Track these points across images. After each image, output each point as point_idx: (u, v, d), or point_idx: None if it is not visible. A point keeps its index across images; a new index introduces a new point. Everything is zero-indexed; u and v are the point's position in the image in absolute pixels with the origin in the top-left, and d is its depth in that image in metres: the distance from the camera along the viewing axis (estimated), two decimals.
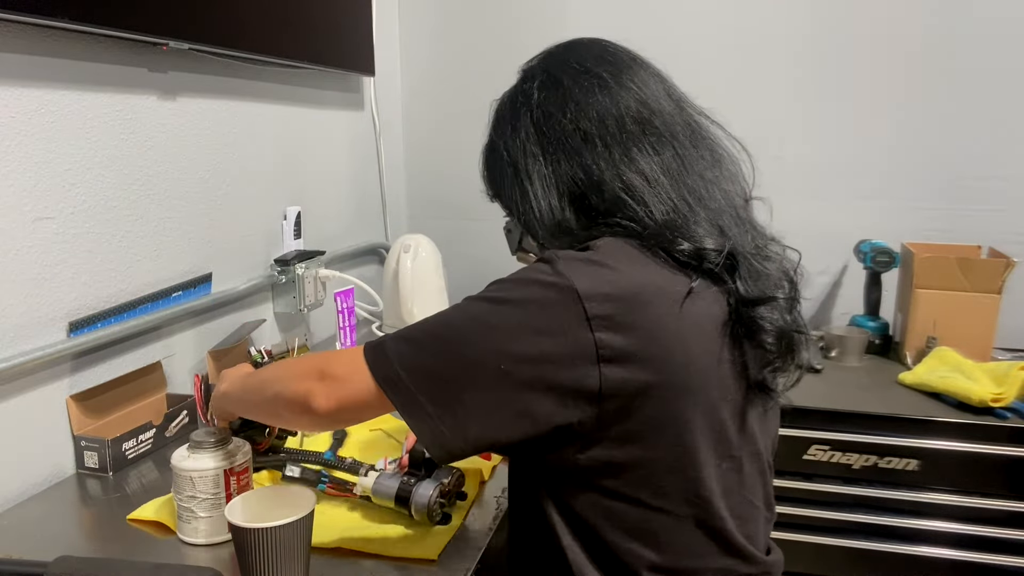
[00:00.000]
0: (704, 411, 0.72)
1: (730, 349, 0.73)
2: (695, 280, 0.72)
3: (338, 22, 1.79)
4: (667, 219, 0.73)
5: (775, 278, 0.78)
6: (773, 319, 0.74)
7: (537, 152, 0.79)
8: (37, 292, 1.10)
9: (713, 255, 0.72)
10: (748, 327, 0.73)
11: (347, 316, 1.68)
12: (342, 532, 0.94)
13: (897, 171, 1.97)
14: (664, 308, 0.70)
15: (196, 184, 1.42)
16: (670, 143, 0.76)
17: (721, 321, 0.73)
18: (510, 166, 0.81)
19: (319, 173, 1.88)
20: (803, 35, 1.97)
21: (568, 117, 0.77)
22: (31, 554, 0.89)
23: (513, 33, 2.17)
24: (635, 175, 0.75)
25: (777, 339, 0.75)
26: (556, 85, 0.79)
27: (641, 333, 0.68)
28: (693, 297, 0.71)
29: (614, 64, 0.80)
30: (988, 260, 1.72)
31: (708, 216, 0.75)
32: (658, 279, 0.71)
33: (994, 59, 1.86)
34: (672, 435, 0.71)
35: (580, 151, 0.77)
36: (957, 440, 1.46)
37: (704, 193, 0.76)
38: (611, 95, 0.77)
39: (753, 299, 0.73)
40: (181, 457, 0.93)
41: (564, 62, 0.81)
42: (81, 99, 1.16)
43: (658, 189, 0.74)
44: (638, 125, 0.76)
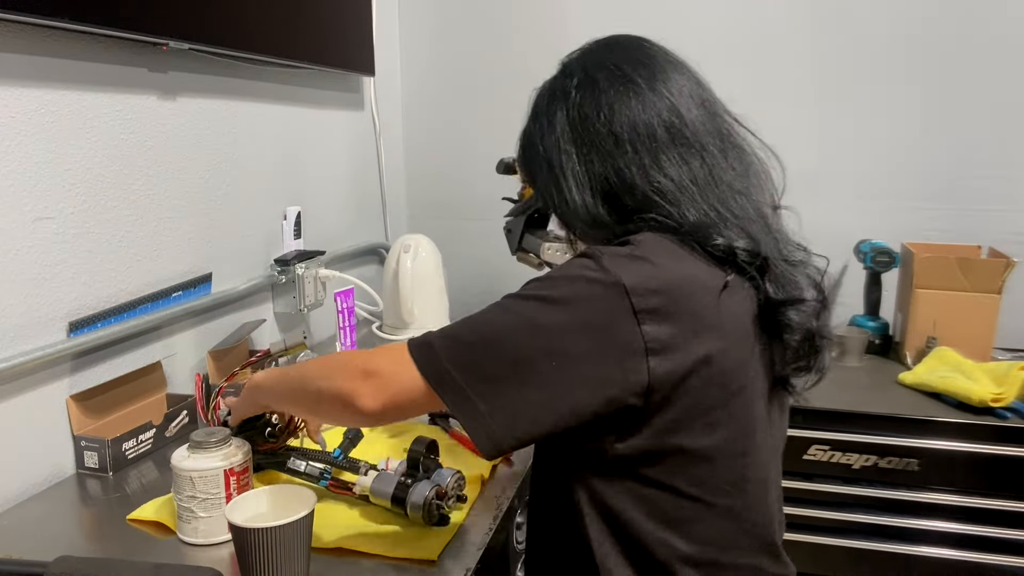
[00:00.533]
0: (742, 402, 0.74)
1: (761, 343, 0.76)
2: (730, 274, 0.74)
3: (338, 22, 1.79)
4: (699, 220, 0.76)
5: (803, 283, 0.80)
6: (800, 321, 0.77)
7: (571, 150, 0.81)
8: (37, 292, 1.10)
9: (744, 254, 0.75)
10: (776, 326, 0.76)
11: (347, 316, 1.68)
12: (342, 532, 0.94)
13: (897, 171, 1.97)
14: (705, 299, 0.72)
15: (196, 184, 1.42)
16: (699, 153, 0.78)
17: (753, 315, 0.75)
18: (545, 161, 0.83)
19: (319, 173, 1.88)
20: (804, 35, 1.97)
21: (602, 120, 0.79)
22: (31, 554, 0.89)
23: (513, 33, 2.17)
24: (665, 180, 0.77)
25: (803, 340, 0.77)
26: (592, 86, 0.81)
27: (685, 324, 0.70)
28: (729, 290, 0.73)
29: (650, 68, 0.81)
30: (988, 260, 1.72)
31: (736, 223, 0.77)
32: (697, 272, 0.73)
33: (994, 59, 1.86)
34: (711, 423, 0.73)
35: (612, 153, 0.78)
36: (957, 440, 1.46)
37: (732, 203, 0.78)
38: (644, 101, 0.79)
39: (781, 300, 0.76)
40: (181, 457, 0.93)
41: (602, 62, 0.83)
42: (81, 99, 1.16)
43: (688, 196, 0.76)
44: (668, 133, 0.78)
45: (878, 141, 1.96)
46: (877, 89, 1.95)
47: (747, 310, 0.75)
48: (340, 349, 1.65)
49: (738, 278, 0.75)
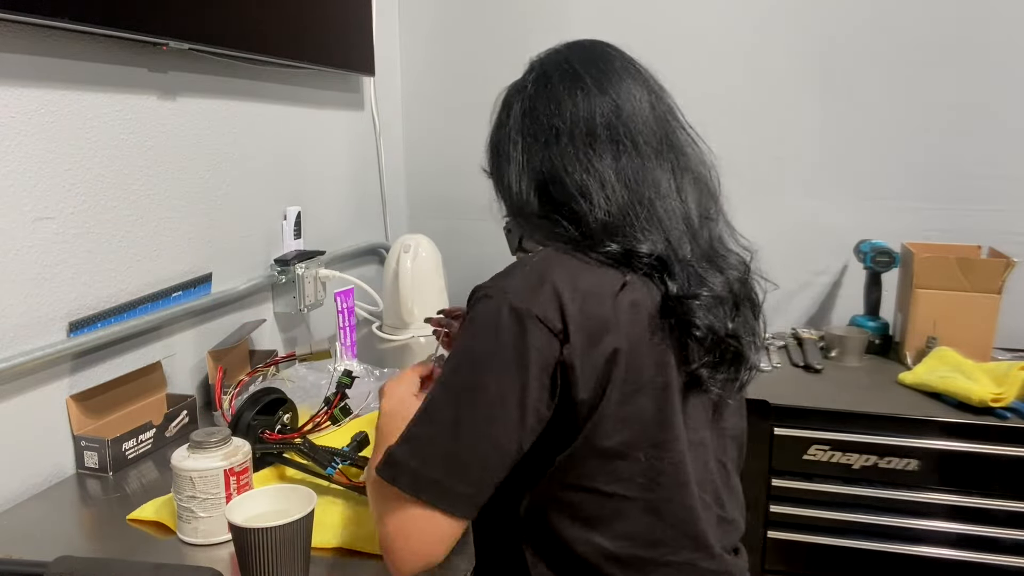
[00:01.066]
0: (651, 396, 0.77)
1: (666, 335, 0.78)
2: (627, 275, 0.78)
3: (338, 22, 1.79)
4: (607, 220, 0.80)
5: (715, 284, 0.81)
6: (707, 320, 0.79)
7: (518, 140, 0.86)
8: (37, 292, 1.10)
9: (645, 257, 0.78)
10: (679, 321, 0.78)
11: (347, 316, 1.68)
12: (342, 532, 0.94)
13: (897, 171, 1.97)
14: (602, 300, 0.76)
15: (196, 184, 1.42)
16: (631, 151, 0.82)
17: (656, 307, 0.78)
18: (495, 148, 0.90)
19: (319, 173, 1.88)
20: (804, 35, 1.97)
21: (547, 114, 0.84)
22: (31, 554, 0.89)
23: (513, 33, 2.17)
24: (589, 176, 0.81)
25: (705, 337, 0.79)
26: (546, 82, 0.86)
27: (588, 327, 0.75)
28: (628, 290, 0.77)
29: (602, 69, 0.85)
30: (988, 260, 1.72)
31: (655, 223, 0.80)
32: (594, 279, 0.77)
33: (994, 59, 1.86)
34: (623, 419, 0.76)
35: (550, 144, 0.83)
36: (957, 440, 1.46)
37: (656, 203, 0.81)
38: (589, 99, 0.83)
39: (676, 295, 0.78)
40: (181, 457, 0.93)
41: (559, 62, 0.87)
42: (81, 99, 1.16)
43: (609, 192, 0.80)
44: (606, 131, 0.82)
45: (878, 141, 1.96)
46: (877, 89, 1.94)
47: (648, 304, 0.78)
48: (340, 349, 1.65)
49: (639, 278, 0.78)
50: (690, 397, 0.82)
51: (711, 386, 0.82)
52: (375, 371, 1.50)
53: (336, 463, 1.04)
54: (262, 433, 1.07)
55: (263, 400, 1.09)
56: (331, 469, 1.03)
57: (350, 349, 1.68)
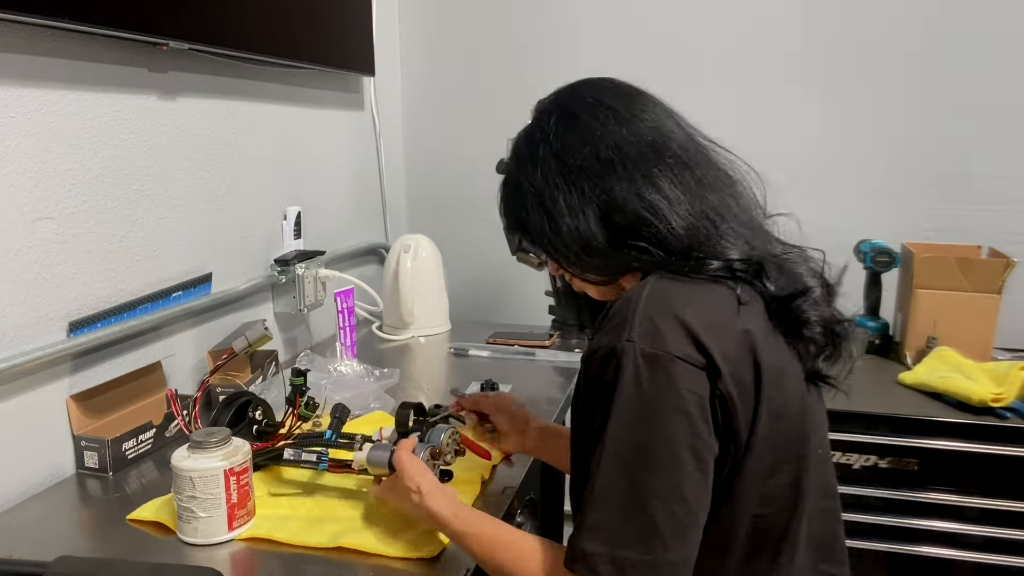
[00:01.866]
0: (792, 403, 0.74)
1: (782, 336, 0.76)
2: (737, 287, 0.75)
3: (338, 22, 1.79)
4: (690, 234, 0.76)
5: (805, 275, 0.80)
6: (814, 311, 0.77)
7: (560, 182, 0.80)
8: (37, 292, 1.10)
9: (740, 263, 0.76)
10: (792, 322, 0.76)
11: (347, 316, 1.68)
12: (342, 532, 0.94)
13: (897, 171, 1.97)
14: (729, 320, 0.72)
15: (196, 184, 1.42)
16: (687, 166, 0.79)
17: (767, 318, 0.76)
18: (535, 197, 0.82)
19: (319, 173, 1.88)
20: (803, 35, 1.97)
21: (588, 147, 0.80)
22: (31, 554, 0.89)
23: (513, 33, 2.17)
24: (655, 194, 0.77)
25: (823, 329, 0.78)
26: (572, 119, 0.82)
27: (728, 352, 0.70)
28: (746, 306, 0.74)
29: (625, 96, 0.83)
30: (988, 260, 1.72)
31: (731, 229, 0.78)
32: (711, 299, 0.74)
33: (994, 59, 1.86)
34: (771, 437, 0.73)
35: (602, 176, 0.78)
36: (957, 440, 1.46)
37: (724, 210, 0.79)
38: (626, 124, 0.80)
39: (786, 296, 0.76)
40: (181, 457, 0.93)
41: (577, 98, 0.84)
42: (81, 99, 1.16)
43: (679, 207, 0.77)
44: (654, 151, 0.79)
45: (878, 141, 1.96)
46: (877, 89, 1.95)
47: (764, 314, 0.76)
48: (340, 349, 1.65)
49: (744, 287, 0.76)
50: (811, 395, 0.80)
51: (830, 379, 0.80)
52: (375, 371, 1.50)
53: (324, 457, 1.02)
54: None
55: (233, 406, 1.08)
56: (323, 465, 1.02)
57: (350, 349, 1.68)
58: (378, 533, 0.94)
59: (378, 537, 0.93)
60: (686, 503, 0.68)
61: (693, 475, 0.68)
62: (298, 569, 0.89)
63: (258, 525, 0.96)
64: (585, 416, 0.76)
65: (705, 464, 0.69)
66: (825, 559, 0.82)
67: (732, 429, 0.70)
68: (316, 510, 1.01)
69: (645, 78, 0.87)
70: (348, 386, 1.42)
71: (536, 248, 0.86)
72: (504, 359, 1.72)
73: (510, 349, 1.77)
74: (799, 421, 0.75)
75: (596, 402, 0.72)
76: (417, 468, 0.89)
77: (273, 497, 1.04)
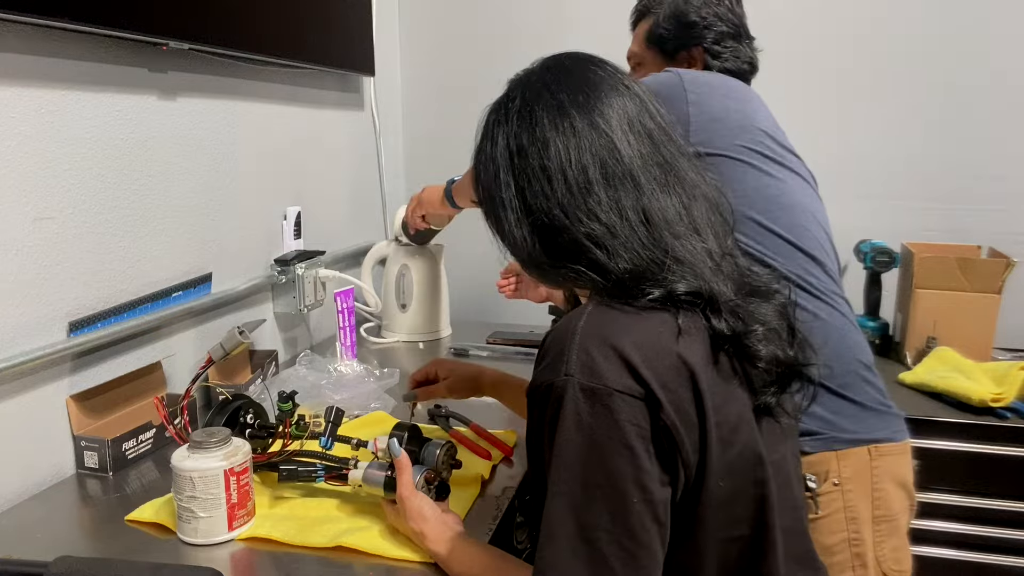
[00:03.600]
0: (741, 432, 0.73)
1: (729, 368, 0.73)
2: (679, 316, 0.72)
3: (338, 22, 1.79)
4: (631, 268, 0.73)
5: (768, 316, 0.77)
6: (763, 345, 0.74)
7: (510, 181, 0.78)
8: (37, 292, 1.10)
9: (686, 296, 0.72)
10: (740, 356, 0.74)
11: (347, 316, 1.68)
12: (342, 532, 0.94)
13: (897, 171, 1.97)
14: (667, 349, 0.70)
15: (196, 184, 1.42)
16: (633, 192, 0.74)
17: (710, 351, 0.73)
18: (486, 189, 0.81)
19: (319, 173, 1.88)
20: (803, 35, 1.97)
21: (535, 154, 0.76)
22: (31, 554, 0.89)
23: (513, 33, 2.17)
24: (594, 223, 0.74)
25: (771, 365, 0.75)
26: (530, 116, 0.78)
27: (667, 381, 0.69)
28: (684, 330, 0.71)
29: (589, 97, 0.77)
30: (988, 260, 1.72)
31: (680, 265, 0.73)
32: (649, 327, 0.71)
33: (994, 59, 1.86)
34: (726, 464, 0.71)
35: (545, 192, 0.75)
36: (957, 440, 1.46)
37: (674, 243, 0.74)
38: (578, 138, 0.75)
39: (734, 335, 0.73)
40: (181, 457, 0.93)
41: (540, 91, 0.79)
42: (81, 99, 1.16)
43: (619, 240, 0.73)
44: (601, 171, 0.74)
45: (878, 141, 1.96)
46: (877, 89, 1.95)
47: (708, 344, 0.72)
48: (340, 349, 1.65)
49: (687, 316, 0.72)
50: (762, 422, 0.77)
51: (780, 415, 0.78)
52: (375, 371, 1.50)
53: (321, 471, 1.02)
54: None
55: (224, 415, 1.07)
56: (320, 478, 1.02)
57: (350, 349, 1.68)
58: (378, 533, 0.94)
59: (378, 537, 0.93)
60: (633, 535, 0.67)
61: (638, 506, 0.67)
62: (298, 569, 0.89)
63: (258, 525, 0.96)
64: (534, 447, 0.76)
65: (650, 493, 0.68)
66: (805, 567, 0.81)
67: (680, 458, 0.69)
68: (316, 510, 1.01)
69: None
70: (348, 386, 1.42)
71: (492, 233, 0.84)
72: (504, 359, 1.72)
73: (510, 349, 1.77)
74: (752, 444, 0.73)
75: (541, 437, 0.72)
76: (416, 510, 0.91)
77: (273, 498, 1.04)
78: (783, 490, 0.78)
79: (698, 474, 0.70)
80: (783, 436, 0.81)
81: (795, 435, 0.86)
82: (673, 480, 0.69)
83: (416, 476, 0.94)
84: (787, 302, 0.81)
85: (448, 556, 0.87)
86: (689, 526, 0.72)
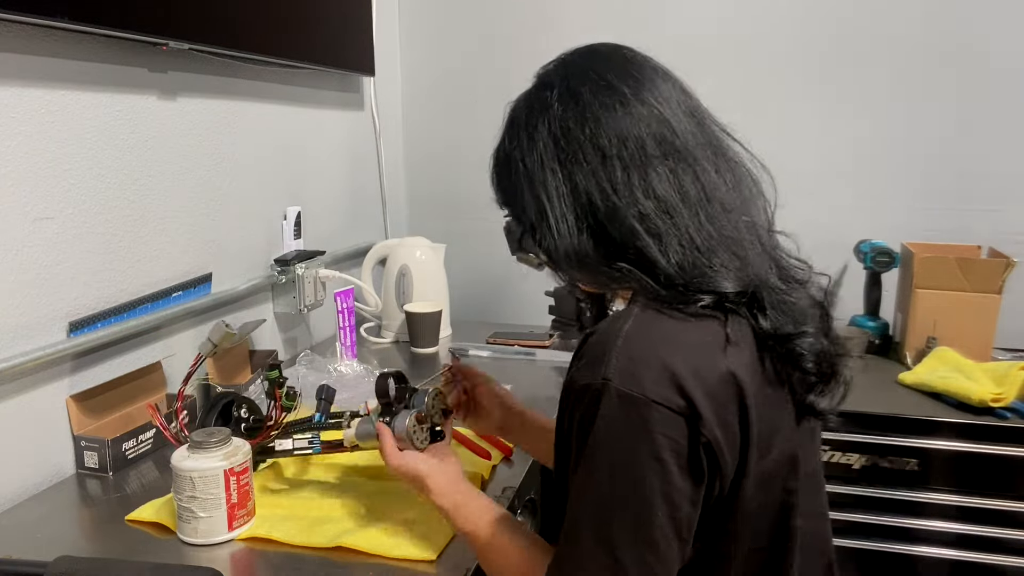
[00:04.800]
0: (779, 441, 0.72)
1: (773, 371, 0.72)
2: (727, 324, 0.70)
3: (338, 22, 1.79)
4: (681, 260, 0.70)
5: (803, 307, 0.75)
6: (810, 345, 0.73)
7: (555, 167, 0.74)
8: (37, 292, 1.10)
9: (734, 297, 0.70)
10: (785, 358, 0.72)
11: (347, 316, 1.68)
12: (342, 532, 0.94)
13: (897, 171, 1.97)
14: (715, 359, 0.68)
15: (196, 184, 1.42)
16: (691, 167, 0.73)
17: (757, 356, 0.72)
18: (526, 179, 0.77)
19: (319, 173, 1.88)
20: (802, 35, 1.97)
21: (587, 134, 0.73)
22: (31, 554, 0.89)
23: (513, 33, 2.17)
24: (651, 202, 0.71)
25: (817, 365, 0.73)
26: (575, 98, 0.75)
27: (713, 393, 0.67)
28: (733, 344, 0.69)
29: (636, 78, 0.75)
30: (988, 260, 1.72)
31: (728, 247, 0.72)
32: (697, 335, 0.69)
33: (994, 59, 1.86)
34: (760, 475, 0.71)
35: (597, 170, 0.73)
36: (957, 440, 1.46)
37: (724, 222, 0.72)
38: (632, 114, 0.73)
39: (782, 336, 0.71)
40: (181, 457, 0.93)
41: (583, 73, 0.76)
42: (81, 99, 1.16)
43: (675, 220, 0.71)
44: (658, 147, 0.72)
45: (878, 141, 1.96)
46: (877, 89, 1.95)
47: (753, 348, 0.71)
48: (340, 349, 1.65)
49: (735, 319, 0.71)
50: (802, 426, 0.76)
51: (824, 414, 0.76)
52: (375, 371, 1.50)
53: (316, 439, 1.03)
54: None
55: (216, 409, 1.07)
56: (315, 448, 1.02)
57: (350, 349, 1.68)
58: (378, 533, 0.94)
59: (378, 537, 0.93)
60: (654, 547, 0.66)
61: (662, 519, 0.66)
62: (298, 569, 0.89)
63: (258, 525, 0.96)
64: (563, 440, 0.74)
65: (677, 509, 0.66)
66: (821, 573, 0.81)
67: (720, 473, 0.67)
68: (316, 510, 1.01)
69: None
70: (348, 386, 1.42)
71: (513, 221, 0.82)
72: (504, 359, 1.72)
73: (510, 349, 1.77)
74: (789, 455, 0.73)
75: (572, 435, 0.71)
76: (410, 471, 0.89)
77: (273, 497, 1.04)
78: (813, 496, 0.77)
79: (733, 484, 0.69)
80: (817, 440, 0.80)
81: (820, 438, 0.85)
82: (707, 495, 0.68)
83: (405, 418, 0.91)
84: (826, 289, 0.80)
85: (451, 508, 0.85)
86: (720, 535, 0.71)
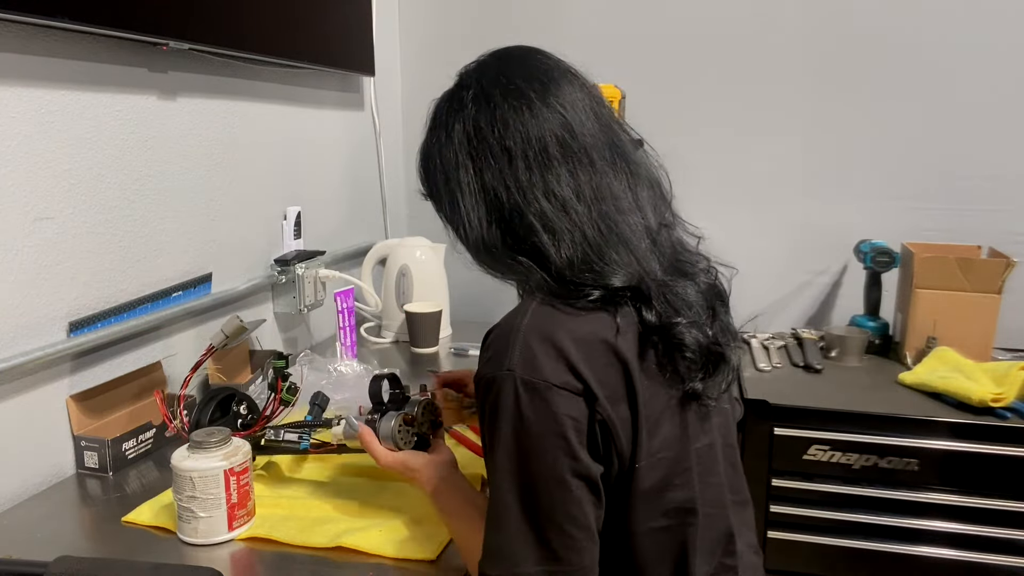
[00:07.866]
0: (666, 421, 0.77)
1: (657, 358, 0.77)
2: (616, 315, 0.76)
3: (338, 22, 1.79)
4: (572, 256, 0.76)
5: (688, 299, 0.80)
6: (692, 334, 0.77)
7: (468, 164, 0.81)
8: (37, 292, 1.10)
9: (621, 291, 0.76)
10: (668, 346, 0.77)
11: (347, 316, 1.68)
12: (341, 532, 0.94)
13: (897, 171, 1.97)
14: (605, 346, 0.74)
15: (196, 184, 1.42)
16: (588, 167, 0.79)
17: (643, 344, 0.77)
18: (443, 173, 0.85)
19: (319, 173, 1.88)
20: (802, 35, 1.97)
21: (496, 134, 0.79)
22: (31, 554, 0.89)
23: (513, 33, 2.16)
24: (549, 200, 0.77)
25: (699, 353, 0.78)
26: (487, 100, 0.81)
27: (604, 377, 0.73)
28: (622, 333, 0.75)
29: (543, 82, 0.81)
30: (988, 260, 1.72)
31: (619, 244, 0.77)
32: (588, 326, 0.75)
33: (994, 59, 1.86)
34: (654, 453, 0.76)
35: (503, 170, 0.79)
36: (957, 440, 1.46)
37: (618, 218, 0.78)
38: (537, 116, 0.79)
39: (664, 325, 0.76)
40: (181, 457, 0.93)
41: (496, 76, 0.83)
42: (81, 99, 1.16)
43: (571, 216, 0.77)
44: (560, 148, 0.78)
45: (878, 141, 1.96)
46: (878, 89, 1.95)
47: (637, 338, 0.76)
48: (340, 349, 1.65)
49: (622, 311, 0.76)
50: (689, 409, 0.80)
51: (707, 399, 0.80)
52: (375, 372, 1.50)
53: (307, 436, 1.04)
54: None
55: (215, 400, 1.08)
56: (304, 443, 1.04)
57: (350, 349, 1.68)
58: (378, 533, 0.94)
59: (378, 537, 0.93)
60: (574, 519, 0.72)
61: (577, 492, 0.72)
62: (298, 569, 0.89)
63: (258, 525, 0.96)
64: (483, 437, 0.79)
65: (586, 479, 0.73)
66: (725, 554, 0.83)
67: (616, 450, 0.74)
68: (316, 510, 1.01)
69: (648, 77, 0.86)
70: (348, 386, 1.42)
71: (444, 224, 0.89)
72: None
73: None
74: (677, 435, 0.78)
75: (484, 428, 0.76)
76: (400, 466, 0.93)
77: (273, 497, 1.04)
78: (708, 476, 0.81)
79: (631, 464, 0.75)
80: (711, 419, 0.84)
81: (728, 415, 0.89)
82: (608, 471, 0.75)
83: (391, 421, 0.93)
84: (712, 282, 0.85)
85: (431, 492, 0.91)
86: (622, 516, 0.76)
